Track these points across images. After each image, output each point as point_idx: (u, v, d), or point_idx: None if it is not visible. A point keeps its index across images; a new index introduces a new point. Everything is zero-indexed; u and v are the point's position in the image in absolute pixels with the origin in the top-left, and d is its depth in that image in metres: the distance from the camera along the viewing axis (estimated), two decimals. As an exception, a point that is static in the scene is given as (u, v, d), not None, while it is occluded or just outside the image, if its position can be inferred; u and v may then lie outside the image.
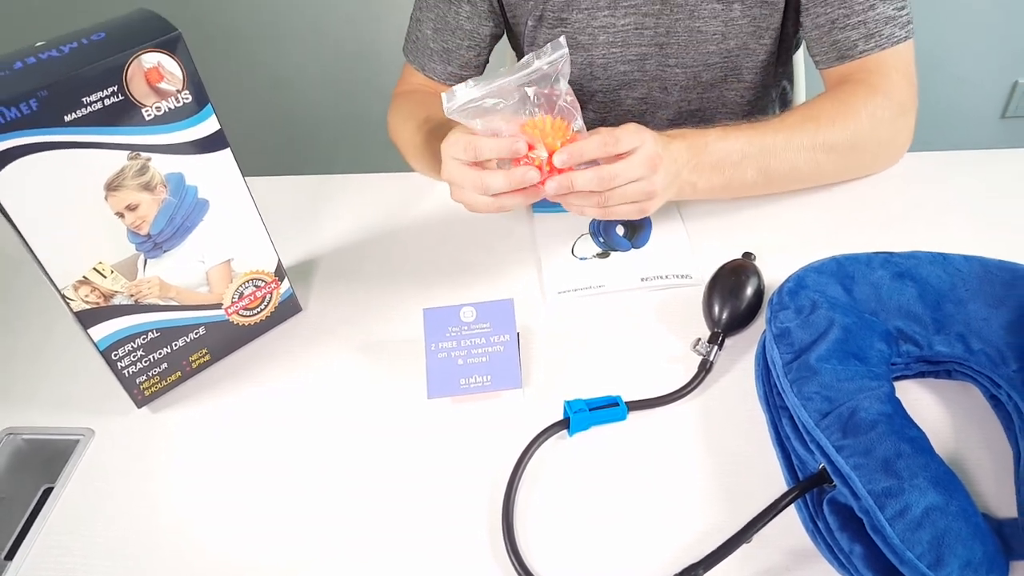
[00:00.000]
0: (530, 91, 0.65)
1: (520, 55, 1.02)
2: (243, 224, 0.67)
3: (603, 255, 0.79)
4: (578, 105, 0.66)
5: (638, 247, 0.80)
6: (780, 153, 0.77)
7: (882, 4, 0.80)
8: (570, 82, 0.86)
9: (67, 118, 0.53)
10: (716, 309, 0.68)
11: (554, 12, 0.90)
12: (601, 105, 0.99)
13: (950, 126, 1.87)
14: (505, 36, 1.02)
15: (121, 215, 0.59)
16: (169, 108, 0.57)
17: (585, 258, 0.79)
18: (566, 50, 0.64)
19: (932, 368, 0.64)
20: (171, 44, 0.56)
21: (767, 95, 1.02)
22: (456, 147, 0.67)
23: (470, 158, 0.66)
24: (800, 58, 1.08)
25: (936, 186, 0.85)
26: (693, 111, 0.98)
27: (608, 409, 0.62)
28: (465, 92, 0.64)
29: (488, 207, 0.68)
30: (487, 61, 1.00)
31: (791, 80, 1.11)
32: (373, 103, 1.82)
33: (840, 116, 0.78)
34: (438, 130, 0.82)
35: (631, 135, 0.67)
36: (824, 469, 0.55)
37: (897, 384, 0.61)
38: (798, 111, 0.81)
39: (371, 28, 1.77)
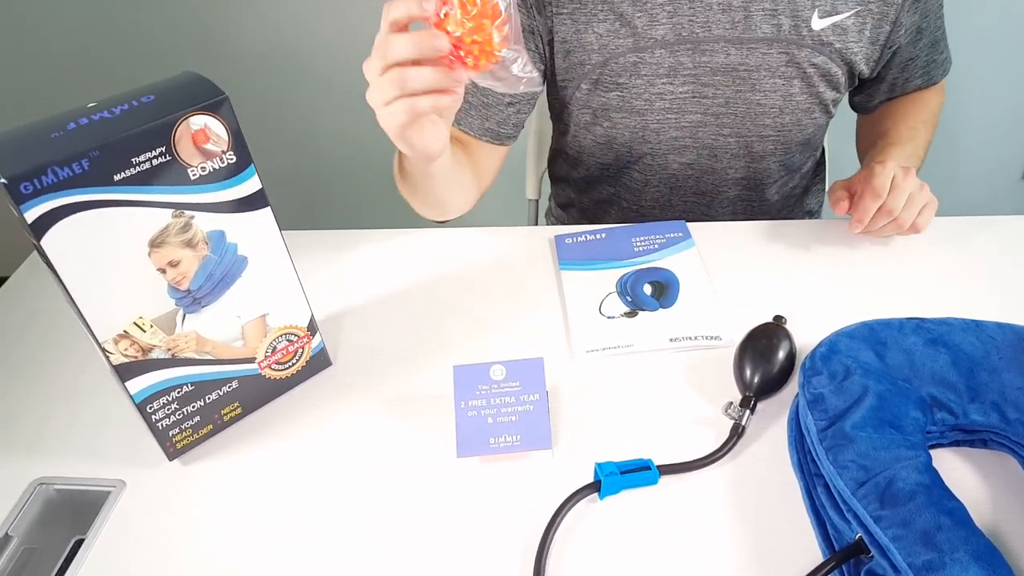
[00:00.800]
0: None
1: (559, 118, 1.02)
2: (279, 280, 0.68)
3: (631, 314, 0.80)
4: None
5: (666, 307, 0.80)
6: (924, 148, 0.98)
7: (935, 54, 0.97)
8: (620, 144, 0.89)
9: (116, 177, 0.55)
10: (748, 372, 0.67)
11: (611, 77, 0.90)
12: (648, 167, 1.00)
13: (971, 188, 1.87)
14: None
15: (163, 271, 0.60)
16: (214, 168, 0.59)
17: (613, 317, 0.79)
18: None
19: (968, 437, 0.63)
20: (218, 106, 0.58)
21: (808, 162, 1.04)
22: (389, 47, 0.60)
23: (382, 60, 0.60)
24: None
25: (963, 251, 0.85)
26: (739, 179, 1.00)
27: (640, 473, 0.62)
28: None
29: (399, 106, 0.61)
30: (524, 121, 0.99)
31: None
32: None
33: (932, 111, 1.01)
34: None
35: (881, 178, 0.79)
36: (861, 539, 0.54)
37: (933, 453, 0.61)
38: (911, 121, 0.98)
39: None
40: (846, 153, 1.15)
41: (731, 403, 0.67)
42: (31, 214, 0.52)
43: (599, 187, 1.07)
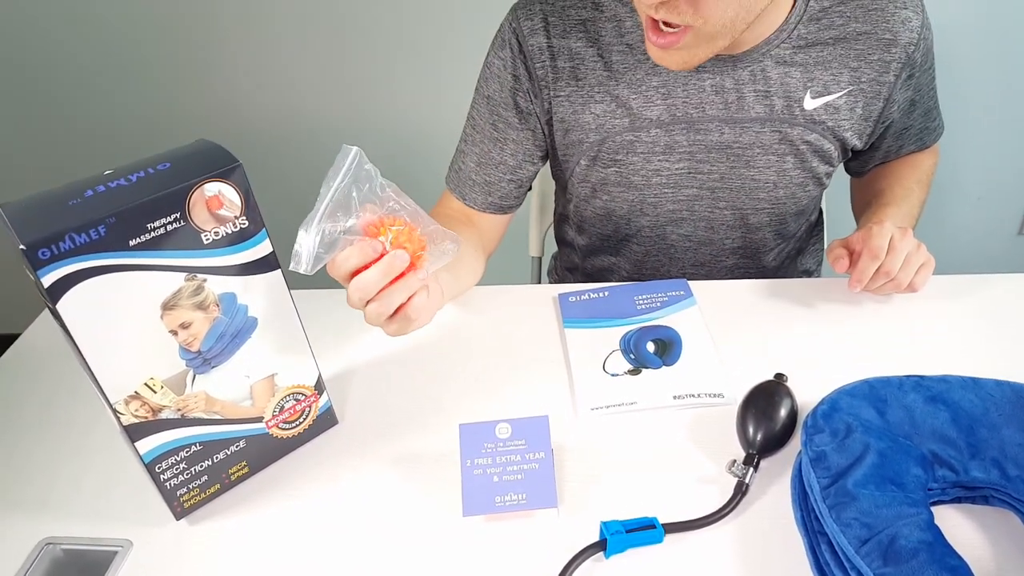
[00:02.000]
0: (356, 200, 0.64)
1: (562, 189, 1.05)
2: (288, 341, 0.69)
3: (634, 372, 0.80)
4: (407, 199, 0.66)
5: (669, 365, 0.81)
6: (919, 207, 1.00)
7: (928, 121, 1.00)
8: (619, 216, 0.93)
9: (132, 242, 0.56)
10: (751, 430, 0.68)
11: (609, 154, 0.93)
12: (647, 239, 1.02)
13: (968, 243, 1.89)
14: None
15: (174, 332, 0.61)
16: (226, 232, 0.61)
17: (617, 374, 0.80)
18: (354, 149, 0.64)
19: (969, 494, 0.64)
20: (232, 173, 0.60)
21: (801, 226, 1.06)
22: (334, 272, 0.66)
23: (339, 277, 0.66)
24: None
25: (961, 309, 0.86)
26: (735, 248, 1.02)
27: (645, 531, 0.62)
28: (306, 244, 0.63)
29: (380, 316, 0.66)
30: (527, 191, 1.03)
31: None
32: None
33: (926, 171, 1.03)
34: None
35: (879, 239, 0.82)
36: (866, 599, 0.54)
37: (935, 509, 0.61)
38: (905, 182, 1.00)
39: (406, 153, 1.86)
40: (844, 213, 1.17)
41: (734, 461, 0.67)
42: (48, 279, 0.54)
43: (601, 256, 1.09)
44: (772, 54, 0.87)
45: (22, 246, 0.52)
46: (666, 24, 0.76)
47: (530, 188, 1.04)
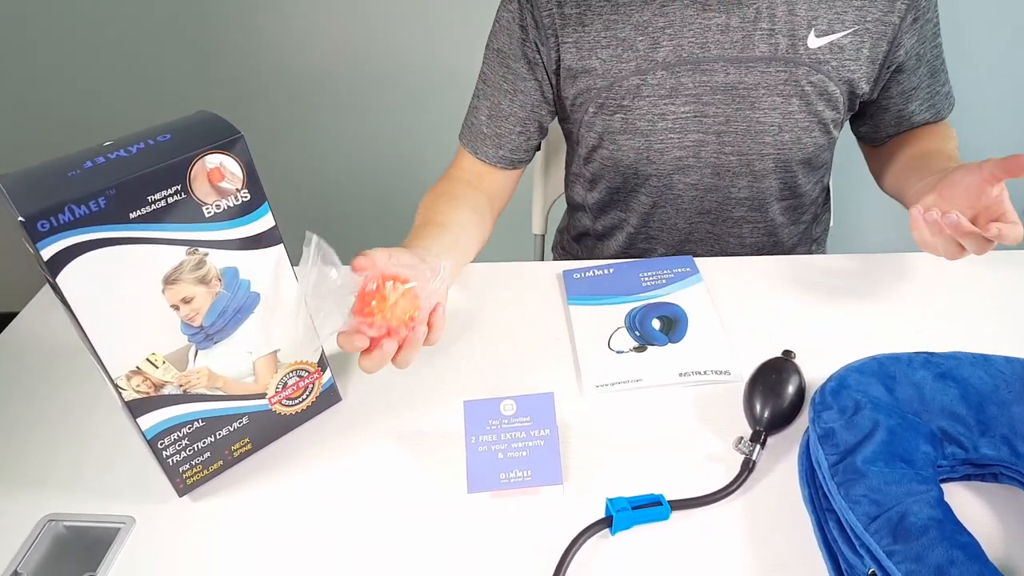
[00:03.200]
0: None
1: (571, 143, 1.06)
2: (291, 317, 0.68)
3: (640, 349, 0.80)
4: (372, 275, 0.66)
5: (675, 342, 0.80)
6: None
7: (937, 84, 0.98)
8: (626, 166, 0.92)
9: (132, 215, 0.55)
10: (758, 407, 0.67)
11: (616, 100, 0.93)
12: (654, 189, 1.01)
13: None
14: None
15: (176, 307, 0.60)
16: (228, 205, 0.60)
17: (622, 351, 0.80)
18: (314, 239, 0.64)
19: (978, 471, 0.63)
20: (233, 145, 0.59)
21: (814, 186, 1.05)
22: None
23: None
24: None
25: (971, 285, 0.85)
26: (743, 198, 1.01)
27: (651, 508, 0.62)
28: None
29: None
30: (538, 147, 1.05)
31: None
32: (411, 193, 1.87)
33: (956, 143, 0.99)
34: (427, 226, 0.88)
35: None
36: (874, 574, 0.54)
37: (944, 487, 0.61)
38: (935, 137, 0.98)
39: (410, 117, 1.84)
40: (847, 193, 1.16)
41: (741, 438, 0.66)
42: (47, 251, 0.53)
43: (611, 212, 1.08)
44: None
45: (21, 218, 0.51)
46: None
47: (539, 147, 1.05)
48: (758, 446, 0.65)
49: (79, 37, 1.75)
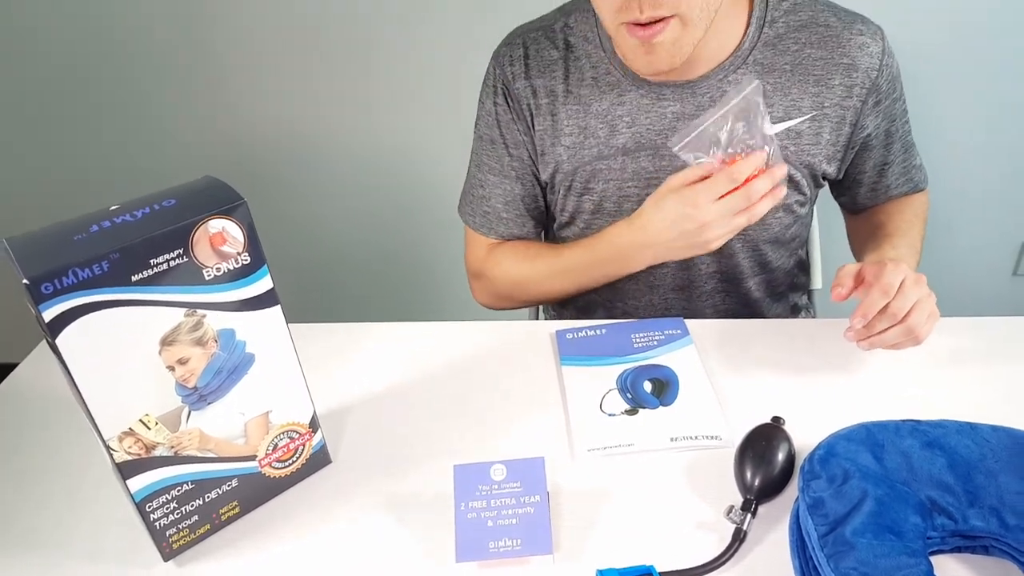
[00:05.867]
0: (725, 132, 0.79)
1: (551, 217, 1.08)
2: (285, 377, 0.69)
3: (632, 412, 0.80)
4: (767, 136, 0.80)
5: (666, 405, 0.81)
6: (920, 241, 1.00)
7: (910, 158, 1.02)
8: None
9: (134, 278, 0.56)
10: (749, 475, 0.68)
11: (582, 182, 0.97)
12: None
13: (963, 284, 1.91)
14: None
15: (172, 368, 0.61)
16: (228, 268, 0.61)
17: (614, 414, 0.80)
18: (757, 82, 0.78)
19: (968, 543, 0.63)
20: (236, 210, 0.60)
21: (787, 259, 1.07)
22: (717, 185, 0.80)
23: (734, 183, 0.79)
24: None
25: (956, 352, 0.87)
26: (712, 273, 1.03)
27: (642, 579, 0.61)
28: (686, 130, 0.80)
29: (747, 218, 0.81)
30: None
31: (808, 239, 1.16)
32: (405, 252, 1.89)
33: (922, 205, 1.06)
34: (559, 248, 0.99)
35: (892, 276, 0.78)
36: (866, 651, 0.53)
37: (934, 559, 0.61)
38: (905, 214, 1.02)
39: (404, 180, 1.87)
40: (837, 257, 1.18)
41: (732, 506, 0.67)
42: (49, 313, 0.53)
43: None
44: (729, 79, 0.90)
45: (25, 280, 0.51)
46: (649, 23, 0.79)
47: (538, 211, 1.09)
48: (749, 515, 0.65)
49: (92, 103, 1.79)
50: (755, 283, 1.06)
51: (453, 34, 1.66)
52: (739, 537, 0.64)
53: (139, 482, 0.63)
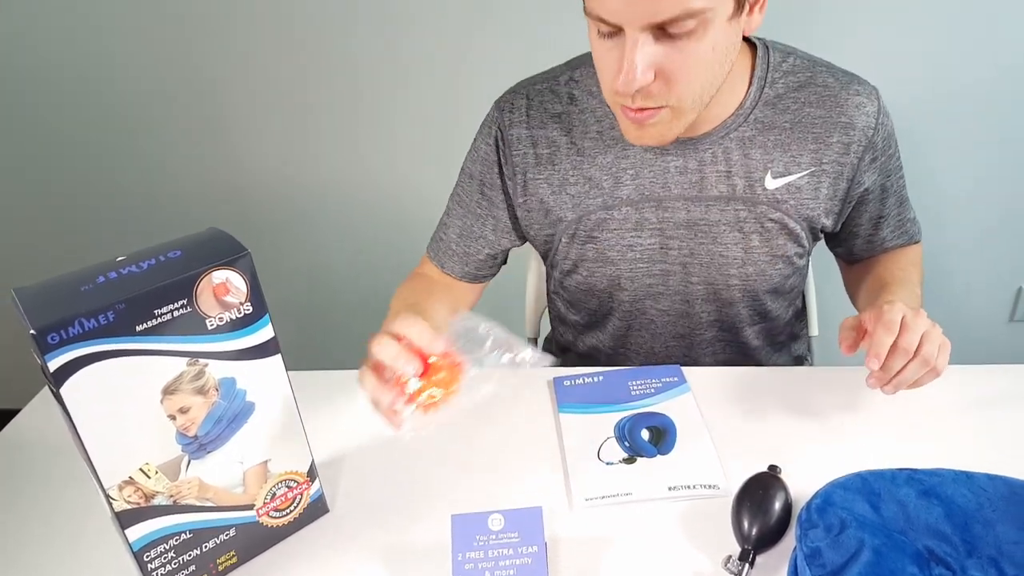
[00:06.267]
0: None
1: (552, 264, 1.08)
2: (284, 426, 0.69)
3: (629, 460, 0.81)
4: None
5: (664, 453, 0.81)
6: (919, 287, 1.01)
7: (905, 211, 1.04)
8: (600, 291, 0.95)
9: (139, 328, 0.57)
10: (746, 525, 0.68)
11: (586, 231, 0.98)
12: (627, 313, 1.04)
13: (960, 330, 1.91)
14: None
15: (173, 417, 0.62)
16: (231, 318, 0.62)
17: (612, 463, 0.80)
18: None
19: (967, 593, 0.63)
20: (239, 262, 0.61)
21: (785, 309, 1.08)
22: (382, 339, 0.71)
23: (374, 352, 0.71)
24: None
25: (953, 399, 0.87)
26: (713, 321, 1.04)
27: (640, 629, 0.61)
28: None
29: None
30: (503, 263, 1.11)
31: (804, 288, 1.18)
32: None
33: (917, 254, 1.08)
34: (417, 307, 0.94)
35: (891, 314, 0.78)
36: None
37: (933, 610, 0.61)
38: (900, 263, 1.03)
39: (399, 228, 1.89)
40: (834, 304, 1.19)
41: (730, 556, 0.67)
42: (55, 363, 0.54)
43: (589, 333, 1.11)
44: (732, 136, 0.92)
45: (32, 331, 0.52)
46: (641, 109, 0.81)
47: (504, 262, 1.11)
48: (747, 566, 0.65)
49: (103, 165, 1.84)
50: (754, 332, 1.07)
51: (451, 87, 1.69)
52: (737, 588, 0.64)
53: (138, 531, 0.63)
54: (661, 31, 0.74)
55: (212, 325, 0.61)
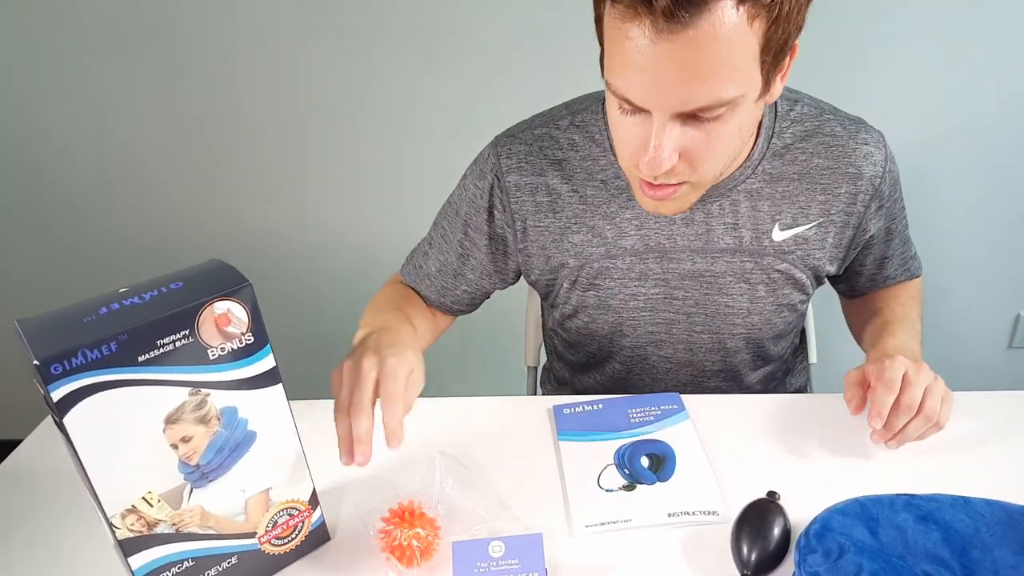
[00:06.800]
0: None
1: (551, 305, 1.06)
2: (285, 455, 0.70)
3: (629, 487, 0.81)
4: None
5: (663, 480, 0.81)
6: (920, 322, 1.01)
7: (907, 249, 1.05)
8: (602, 336, 0.96)
9: (141, 358, 0.58)
10: (745, 551, 0.68)
11: (588, 279, 0.97)
12: (628, 359, 1.04)
13: (958, 357, 1.92)
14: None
15: (175, 446, 0.62)
16: (232, 348, 0.63)
17: (611, 490, 0.81)
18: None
19: (966, 618, 0.63)
20: (240, 292, 0.62)
21: (785, 349, 1.09)
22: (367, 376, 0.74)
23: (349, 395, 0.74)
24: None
25: (951, 425, 0.87)
26: (716, 371, 1.04)
27: (639, 656, 0.61)
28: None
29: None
30: (480, 303, 1.09)
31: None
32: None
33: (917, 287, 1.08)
34: (401, 317, 0.95)
35: (891, 371, 0.79)
36: None
37: (932, 635, 0.61)
38: (901, 298, 1.04)
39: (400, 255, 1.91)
40: (833, 329, 1.19)
41: (729, 582, 0.67)
42: (57, 393, 0.55)
43: (588, 373, 1.10)
44: (740, 188, 0.91)
45: (36, 361, 0.53)
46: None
47: (485, 299, 1.09)
48: (746, 591, 0.66)
49: (105, 200, 1.86)
50: (756, 376, 1.07)
51: (447, 119, 1.72)
52: (736, 613, 0.64)
53: (140, 559, 0.63)
54: (689, 116, 0.72)
55: (214, 355, 0.62)
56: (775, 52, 0.71)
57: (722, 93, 0.70)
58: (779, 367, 1.11)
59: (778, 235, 0.92)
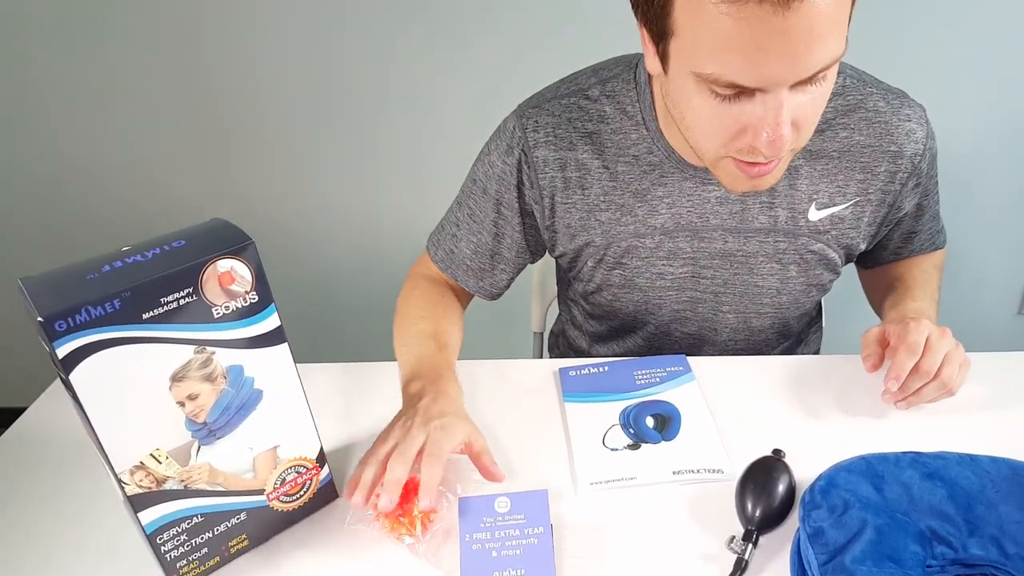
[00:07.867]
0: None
1: (571, 278, 1.04)
2: (292, 413, 0.70)
3: (634, 447, 0.81)
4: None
5: (668, 439, 0.81)
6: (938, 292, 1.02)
7: (935, 224, 1.03)
8: (625, 314, 0.97)
9: (145, 316, 0.58)
10: (750, 506, 0.68)
11: (614, 257, 0.94)
12: (652, 336, 1.03)
13: (969, 322, 1.91)
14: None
15: (182, 404, 0.63)
16: (237, 307, 0.63)
17: (616, 449, 0.81)
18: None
19: (968, 572, 0.63)
20: (244, 250, 0.62)
21: (805, 322, 1.08)
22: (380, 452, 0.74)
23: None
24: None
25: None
26: (740, 349, 1.03)
27: (643, 608, 0.62)
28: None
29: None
30: (512, 280, 1.06)
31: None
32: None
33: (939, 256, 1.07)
34: (435, 346, 0.92)
35: (916, 335, 0.79)
36: None
37: (935, 588, 0.61)
38: (923, 265, 1.03)
39: (410, 228, 1.91)
40: (836, 293, 1.19)
41: (734, 537, 0.67)
42: (62, 350, 0.55)
43: (607, 344, 1.09)
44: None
45: (40, 318, 0.54)
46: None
47: (512, 282, 1.06)
48: (750, 545, 0.66)
49: (109, 177, 1.86)
50: (777, 352, 1.07)
51: (459, 98, 1.71)
52: (741, 567, 0.65)
53: (150, 515, 0.64)
54: (799, 82, 0.68)
55: (218, 313, 0.62)
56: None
57: (836, 50, 0.66)
58: (796, 340, 1.10)
59: (814, 215, 0.89)
